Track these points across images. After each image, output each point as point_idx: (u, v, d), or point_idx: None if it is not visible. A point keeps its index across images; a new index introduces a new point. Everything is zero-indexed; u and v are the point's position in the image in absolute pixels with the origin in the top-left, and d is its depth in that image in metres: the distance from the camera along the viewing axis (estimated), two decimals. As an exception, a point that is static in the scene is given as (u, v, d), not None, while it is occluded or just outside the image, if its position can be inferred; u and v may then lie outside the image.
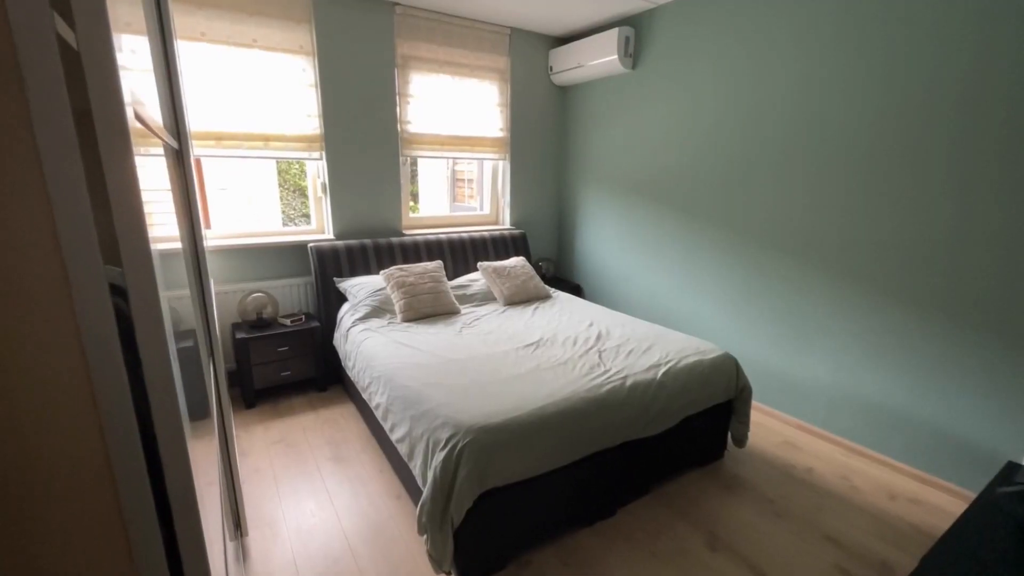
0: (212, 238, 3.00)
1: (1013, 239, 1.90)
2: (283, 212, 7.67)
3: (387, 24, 3.21)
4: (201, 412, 1.17)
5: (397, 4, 3.20)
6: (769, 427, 2.75)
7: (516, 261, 3.48)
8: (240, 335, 2.79)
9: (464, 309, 3.06)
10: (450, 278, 3.41)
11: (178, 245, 1.29)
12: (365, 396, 2.36)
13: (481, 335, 2.60)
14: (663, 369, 2.13)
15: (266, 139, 2.95)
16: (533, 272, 3.43)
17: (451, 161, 7.02)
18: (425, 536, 1.60)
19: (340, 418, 2.78)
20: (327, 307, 3.09)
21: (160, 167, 1.08)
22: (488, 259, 3.66)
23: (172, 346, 0.44)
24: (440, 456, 1.60)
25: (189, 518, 0.43)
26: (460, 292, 3.22)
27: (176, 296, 1.16)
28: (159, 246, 0.97)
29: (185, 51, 2.62)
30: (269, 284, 3.11)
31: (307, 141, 3.10)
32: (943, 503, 2.13)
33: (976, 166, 1.97)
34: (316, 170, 3.27)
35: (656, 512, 2.03)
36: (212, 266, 2.88)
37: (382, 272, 3.04)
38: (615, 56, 3.31)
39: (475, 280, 3.37)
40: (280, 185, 7.59)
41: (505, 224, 4.13)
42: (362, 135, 3.27)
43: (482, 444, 1.60)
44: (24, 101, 0.34)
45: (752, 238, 2.85)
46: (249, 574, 1.70)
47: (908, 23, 2.10)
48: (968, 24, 1.94)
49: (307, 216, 3.42)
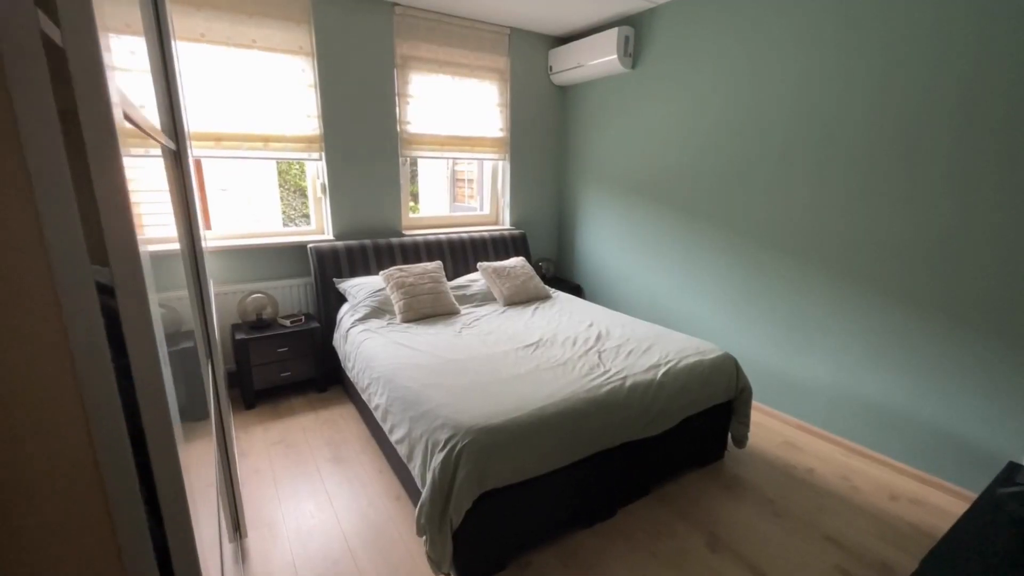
0: (212, 239, 3.00)
1: (1014, 239, 1.89)
2: (283, 212, 7.68)
3: (386, 24, 3.21)
4: (198, 413, 1.16)
5: (396, 4, 3.20)
6: (769, 427, 2.74)
7: (516, 261, 3.48)
8: (240, 336, 2.79)
9: (464, 309, 3.06)
10: (450, 278, 3.41)
11: (176, 246, 1.29)
12: (365, 397, 2.35)
13: (481, 335, 2.59)
14: (663, 369, 2.12)
15: (265, 140, 2.95)
16: (533, 272, 3.43)
17: (451, 161, 7.02)
18: (424, 537, 1.60)
19: (340, 419, 2.78)
20: (327, 308, 3.09)
21: (155, 168, 1.07)
22: (488, 259, 3.66)
23: (162, 347, 0.44)
24: (439, 457, 1.59)
25: (179, 520, 0.43)
26: (460, 292, 3.22)
27: (173, 297, 1.16)
28: (154, 247, 0.97)
29: (185, 52, 2.62)
30: (269, 285, 3.11)
31: (306, 142, 3.10)
32: (944, 503, 2.12)
33: (976, 166, 1.96)
34: (315, 171, 3.27)
35: (656, 513, 2.03)
36: (212, 267, 2.87)
37: (382, 272, 3.03)
38: (615, 56, 3.30)
39: (475, 280, 3.36)
40: (280, 185, 7.60)
41: (505, 224, 4.13)
42: (361, 135, 3.27)
43: (481, 445, 1.59)
44: (8, 100, 0.33)
45: (752, 238, 2.84)
46: (248, 575, 1.70)
47: (907, 23, 2.09)
48: (967, 24, 1.93)
49: (307, 216, 3.43)
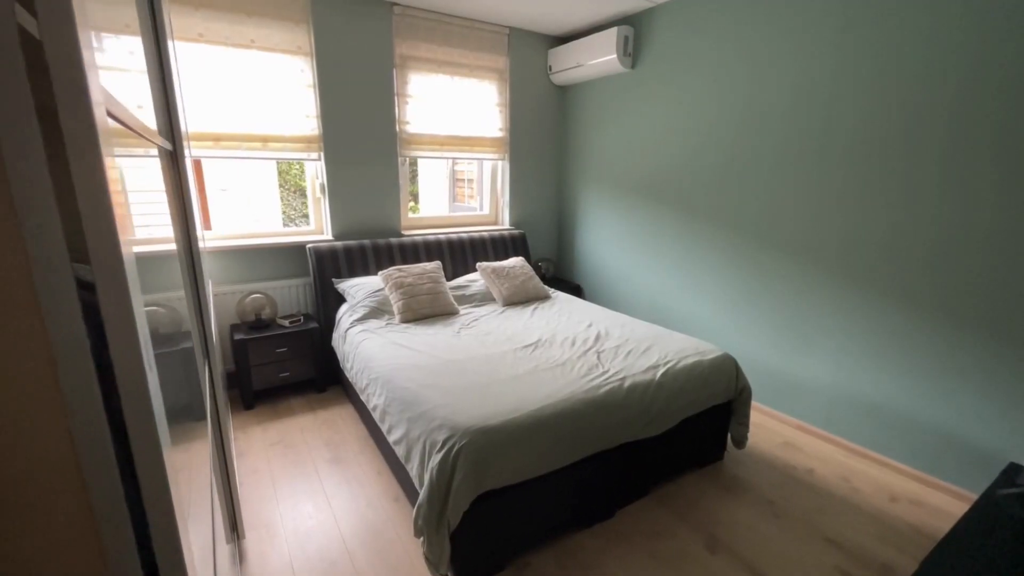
0: (211, 239, 2.99)
1: (1013, 239, 1.88)
2: (284, 213, 7.68)
3: (385, 24, 3.21)
4: (194, 414, 1.16)
5: (395, 4, 3.20)
6: (769, 428, 2.74)
7: (515, 261, 3.47)
8: (239, 336, 2.78)
9: (463, 310, 3.05)
10: (449, 279, 3.40)
11: (173, 246, 1.29)
12: (363, 397, 2.35)
13: (479, 336, 2.59)
14: (662, 370, 2.11)
15: (264, 140, 2.95)
16: (532, 272, 3.42)
17: (451, 161, 7.02)
18: (422, 539, 1.60)
19: (339, 419, 2.78)
20: (326, 308, 3.08)
21: (148, 168, 1.07)
22: (487, 259, 3.65)
23: (147, 348, 0.43)
24: (437, 458, 1.59)
25: (164, 523, 0.42)
26: (459, 293, 3.22)
27: (169, 298, 1.16)
28: (147, 247, 0.97)
29: (183, 52, 2.62)
30: (268, 285, 3.11)
31: (305, 142, 3.09)
32: (944, 504, 2.11)
33: (977, 166, 1.95)
34: (315, 171, 3.27)
35: (655, 514, 2.02)
36: (211, 267, 2.87)
37: (381, 273, 3.03)
38: (614, 55, 3.30)
39: (474, 281, 3.36)
40: (281, 186, 7.60)
41: (504, 224, 4.13)
42: (361, 136, 3.27)
43: (479, 446, 1.59)
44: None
45: (752, 238, 2.83)
46: (246, 576, 1.69)
47: (905, 23, 2.08)
48: (964, 25, 1.92)
49: (307, 216, 3.42)
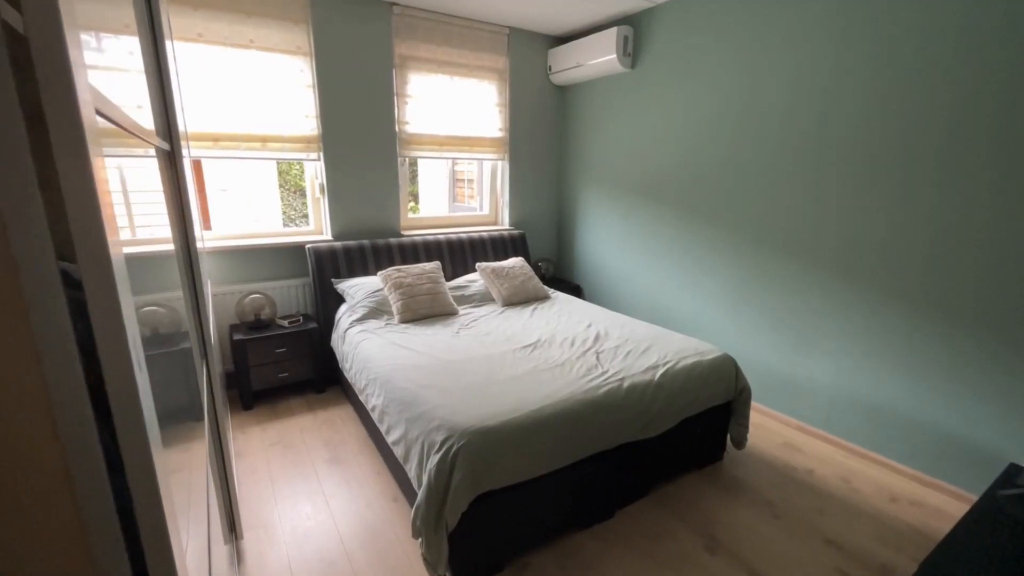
0: (210, 239, 2.99)
1: (1013, 239, 1.87)
2: (284, 213, 7.68)
3: (385, 24, 3.21)
4: (191, 414, 1.16)
5: (395, 4, 3.20)
6: (769, 428, 2.73)
7: (515, 262, 3.47)
8: (238, 336, 2.78)
9: (462, 310, 3.05)
10: (448, 279, 3.40)
11: (170, 247, 1.29)
12: (362, 398, 2.35)
13: (479, 336, 2.58)
14: (661, 370, 2.11)
15: (264, 140, 2.95)
16: (532, 273, 3.42)
17: (451, 161, 7.02)
18: (420, 539, 1.59)
19: (338, 420, 2.78)
20: (325, 308, 3.08)
21: (144, 168, 1.07)
22: (487, 259, 3.65)
23: (136, 349, 0.43)
24: (435, 459, 1.59)
25: (154, 524, 0.42)
26: (458, 293, 3.21)
27: (167, 298, 1.15)
28: (141, 248, 0.97)
29: (182, 52, 2.61)
30: (267, 285, 3.11)
31: (305, 142, 3.09)
32: (944, 505, 2.11)
33: (973, 166, 1.95)
34: (314, 171, 3.27)
35: (654, 515, 2.02)
36: (210, 267, 2.87)
37: (380, 273, 3.03)
38: (614, 55, 3.29)
39: (473, 281, 3.35)
40: (281, 186, 7.61)
41: (504, 224, 4.12)
42: (360, 136, 3.26)
43: (477, 447, 1.58)
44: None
45: (752, 238, 2.83)
46: (244, 577, 1.69)
47: (903, 24, 2.07)
48: (960, 26, 1.91)
49: (308, 217, 3.42)
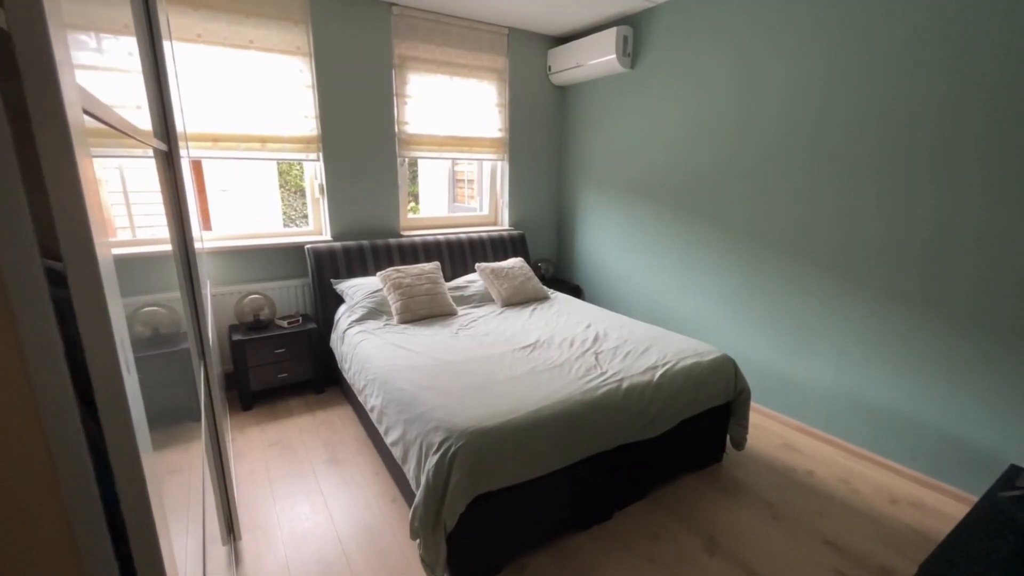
0: (209, 239, 2.99)
1: (1014, 240, 1.87)
2: (284, 213, 7.68)
3: (384, 25, 3.21)
4: (187, 415, 1.15)
5: (394, 4, 3.20)
6: (768, 429, 2.72)
7: (514, 262, 3.46)
8: (237, 337, 2.78)
9: (461, 310, 3.04)
10: (448, 279, 3.40)
11: (168, 247, 1.28)
12: (361, 399, 2.34)
13: (477, 337, 2.58)
14: (660, 371, 2.10)
15: (263, 140, 2.95)
16: (531, 273, 3.42)
17: (451, 162, 7.02)
18: (418, 541, 1.59)
19: (337, 420, 2.77)
20: (324, 309, 3.08)
21: (141, 168, 1.06)
22: (486, 260, 3.65)
23: (124, 350, 0.42)
24: (433, 460, 1.58)
25: (142, 526, 0.41)
26: (457, 293, 3.21)
27: (166, 299, 1.15)
28: (140, 248, 0.96)
29: (181, 53, 2.61)
30: (266, 286, 3.11)
31: (304, 142, 3.09)
32: (945, 507, 2.10)
33: (972, 167, 1.94)
34: (313, 171, 3.27)
35: (653, 516, 2.01)
36: (209, 268, 2.87)
37: (379, 273, 3.02)
38: (613, 55, 3.29)
39: (473, 281, 3.35)
40: (281, 186, 7.61)
41: (504, 225, 4.12)
42: (359, 136, 3.26)
43: (475, 448, 1.58)
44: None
45: (752, 238, 2.82)
46: (241, 578, 1.69)
47: (902, 25, 2.07)
48: (954, 27, 1.91)
49: (308, 217, 3.42)
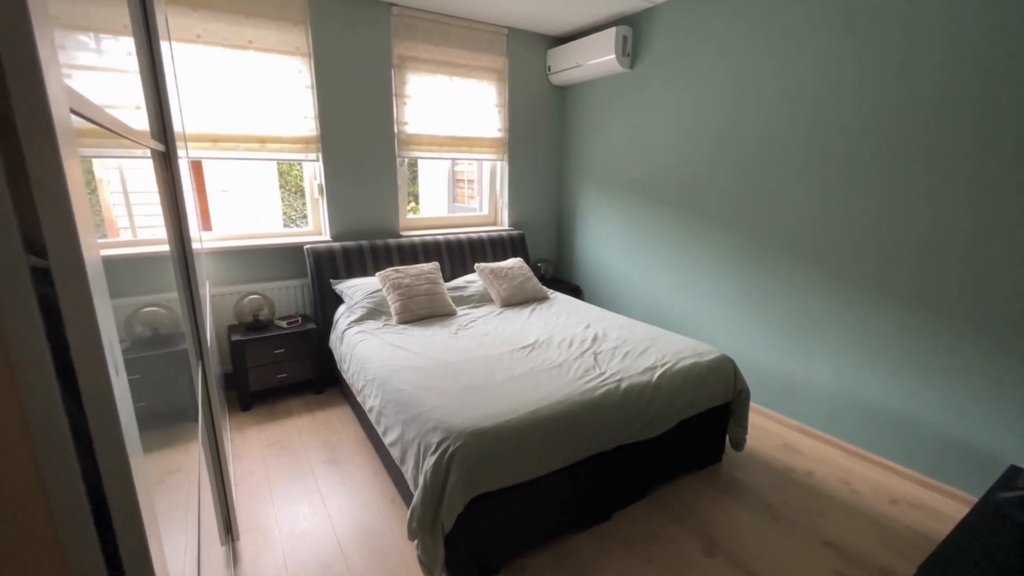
0: (208, 240, 2.99)
1: (1014, 241, 1.86)
2: (284, 213, 7.68)
3: (384, 25, 3.21)
4: (184, 416, 1.15)
5: (394, 4, 3.19)
6: (768, 430, 2.72)
7: (513, 262, 3.46)
8: (236, 337, 2.78)
9: (461, 311, 3.04)
10: (447, 279, 3.40)
11: (165, 247, 1.28)
12: (360, 399, 2.34)
13: (477, 337, 2.58)
14: (659, 371, 2.10)
15: (262, 141, 2.95)
16: (530, 273, 3.41)
17: (451, 162, 7.02)
18: (416, 541, 1.59)
19: (336, 421, 2.77)
20: (323, 309, 3.08)
21: (137, 169, 1.06)
22: (486, 260, 3.64)
23: (113, 351, 0.42)
24: (431, 460, 1.58)
25: (130, 529, 0.41)
26: (457, 294, 3.21)
27: (165, 299, 1.15)
28: (136, 249, 0.96)
29: (181, 53, 2.61)
30: (266, 286, 3.11)
31: (304, 143, 3.09)
32: (944, 507, 2.10)
33: (969, 166, 1.94)
34: (313, 172, 3.27)
35: (652, 517, 2.01)
36: (209, 268, 2.87)
37: (378, 274, 3.02)
38: (613, 55, 3.29)
39: (472, 281, 3.35)
40: (282, 187, 7.61)
41: (503, 225, 4.12)
42: (359, 136, 3.26)
43: (473, 449, 1.58)
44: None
45: (751, 238, 2.82)
46: (240, 579, 1.69)
47: (900, 26, 2.07)
48: (949, 29, 1.91)
49: (307, 217, 3.42)
